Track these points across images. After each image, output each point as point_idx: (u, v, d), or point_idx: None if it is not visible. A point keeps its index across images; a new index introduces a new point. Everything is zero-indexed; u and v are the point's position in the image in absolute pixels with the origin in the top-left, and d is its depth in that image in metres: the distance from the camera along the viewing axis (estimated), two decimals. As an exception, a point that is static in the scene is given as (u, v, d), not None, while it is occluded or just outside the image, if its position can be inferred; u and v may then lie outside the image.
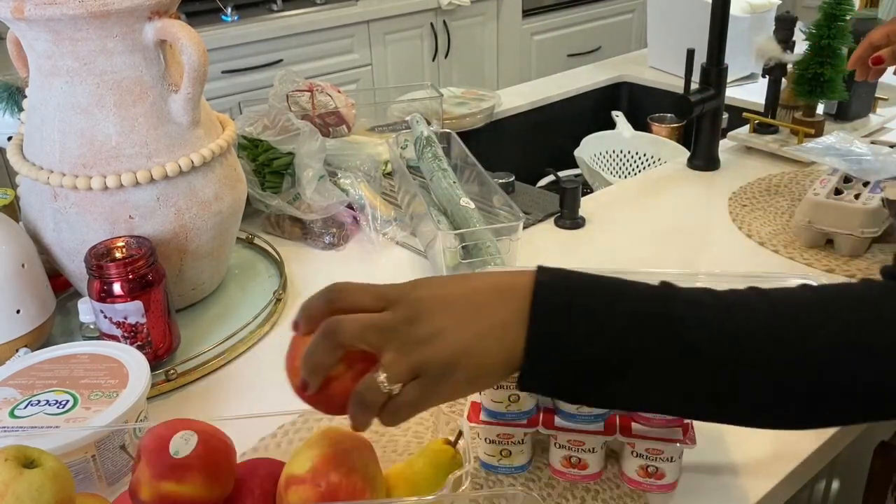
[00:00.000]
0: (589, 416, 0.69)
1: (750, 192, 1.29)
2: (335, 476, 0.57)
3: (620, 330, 0.49)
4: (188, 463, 0.57)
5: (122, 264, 0.83)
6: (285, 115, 1.20)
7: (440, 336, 0.49)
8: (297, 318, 0.53)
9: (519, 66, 3.43)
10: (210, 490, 0.58)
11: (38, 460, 0.59)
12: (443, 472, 0.61)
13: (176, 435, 0.58)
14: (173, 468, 0.56)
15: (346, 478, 0.57)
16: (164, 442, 0.57)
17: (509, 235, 1.04)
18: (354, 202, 1.18)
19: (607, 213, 1.25)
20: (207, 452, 0.58)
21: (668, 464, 0.70)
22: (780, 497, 0.74)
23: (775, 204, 1.24)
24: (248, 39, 2.69)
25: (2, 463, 0.57)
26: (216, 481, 0.58)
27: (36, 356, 0.79)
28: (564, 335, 0.49)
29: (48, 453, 0.61)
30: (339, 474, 0.57)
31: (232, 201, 0.97)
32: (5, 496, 0.56)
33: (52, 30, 0.82)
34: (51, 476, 0.58)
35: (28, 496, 0.56)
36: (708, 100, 1.32)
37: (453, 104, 1.69)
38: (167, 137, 0.89)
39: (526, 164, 1.72)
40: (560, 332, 0.49)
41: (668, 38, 1.89)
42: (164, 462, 0.57)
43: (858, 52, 1.14)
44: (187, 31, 0.84)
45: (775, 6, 1.74)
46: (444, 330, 0.49)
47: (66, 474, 0.60)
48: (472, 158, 1.23)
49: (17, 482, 0.57)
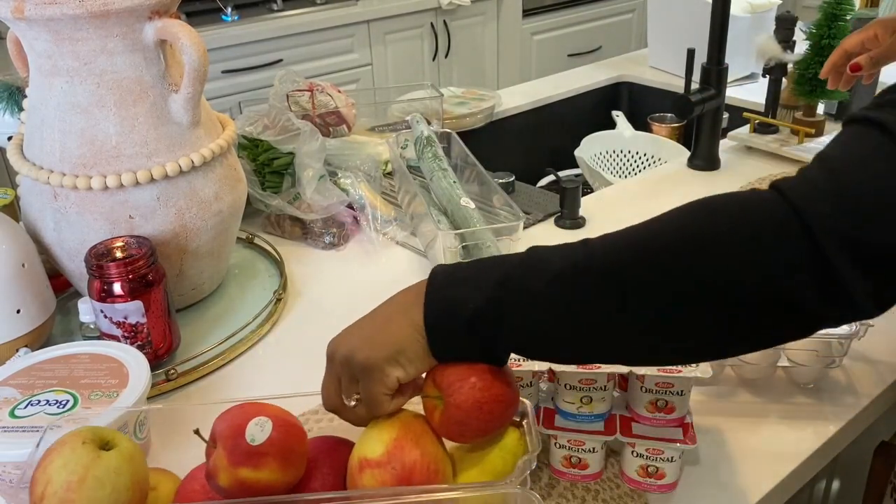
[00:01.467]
0: (589, 416, 0.69)
1: (750, 191, 1.29)
2: (409, 459, 0.58)
3: (495, 281, 0.57)
4: (264, 450, 0.58)
5: (123, 264, 0.83)
6: (285, 115, 1.20)
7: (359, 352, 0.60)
8: None
9: (519, 65, 3.43)
10: (285, 474, 0.59)
11: (112, 441, 0.60)
12: (510, 455, 0.61)
13: (251, 422, 0.59)
14: (250, 455, 0.58)
15: (421, 460, 0.59)
16: (239, 429, 0.59)
17: (509, 235, 1.04)
18: (354, 202, 1.18)
19: (607, 213, 1.25)
20: (282, 438, 0.59)
21: (669, 464, 0.69)
22: (780, 497, 0.74)
23: (775, 204, 1.24)
24: (249, 39, 2.68)
25: (80, 446, 0.58)
26: (291, 466, 0.60)
27: (36, 356, 0.79)
28: (452, 298, 0.58)
29: (121, 434, 0.62)
30: (414, 457, 0.59)
31: (232, 201, 0.97)
32: (86, 480, 0.56)
33: (52, 30, 0.82)
34: (127, 457, 0.59)
35: (107, 479, 0.57)
36: (708, 100, 1.32)
37: (453, 104, 1.69)
38: (167, 137, 0.89)
39: (526, 163, 1.72)
40: (448, 296, 0.58)
41: (669, 38, 1.89)
42: (241, 449, 0.58)
43: (832, 59, 1.13)
44: (187, 30, 0.84)
45: (775, 6, 1.74)
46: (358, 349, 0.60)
47: (140, 454, 0.61)
48: (472, 158, 1.23)
49: (96, 465, 0.57)
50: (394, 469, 0.58)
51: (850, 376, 0.86)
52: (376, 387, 0.60)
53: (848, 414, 0.80)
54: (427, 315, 0.59)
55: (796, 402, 0.83)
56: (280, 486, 0.59)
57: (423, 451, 0.59)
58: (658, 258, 0.53)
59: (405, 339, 0.59)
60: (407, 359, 0.60)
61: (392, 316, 0.61)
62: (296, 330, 0.99)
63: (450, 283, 0.59)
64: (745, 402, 0.83)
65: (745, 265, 0.51)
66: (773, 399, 0.83)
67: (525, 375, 0.70)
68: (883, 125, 0.50)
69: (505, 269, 0.58)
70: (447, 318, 0.58)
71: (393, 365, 0.59)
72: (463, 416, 0.61)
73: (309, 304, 1.04)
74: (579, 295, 0.55)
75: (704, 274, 0.52)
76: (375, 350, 0.60)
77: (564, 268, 0.56)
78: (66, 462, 0.57)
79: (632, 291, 0.53)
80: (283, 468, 0.59)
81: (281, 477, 0.59)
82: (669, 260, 0.53)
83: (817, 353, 0.81)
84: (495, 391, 0.60)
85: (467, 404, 0.60)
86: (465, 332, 0.58)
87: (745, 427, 0.79)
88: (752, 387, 0.85)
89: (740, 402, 0.83)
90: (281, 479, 0.59)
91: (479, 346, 0.58)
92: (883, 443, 0.98)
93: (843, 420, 0.80)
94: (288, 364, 0.92)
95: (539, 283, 0.56)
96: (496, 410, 0.60)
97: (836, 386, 0.85)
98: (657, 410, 0.68)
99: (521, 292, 0.56)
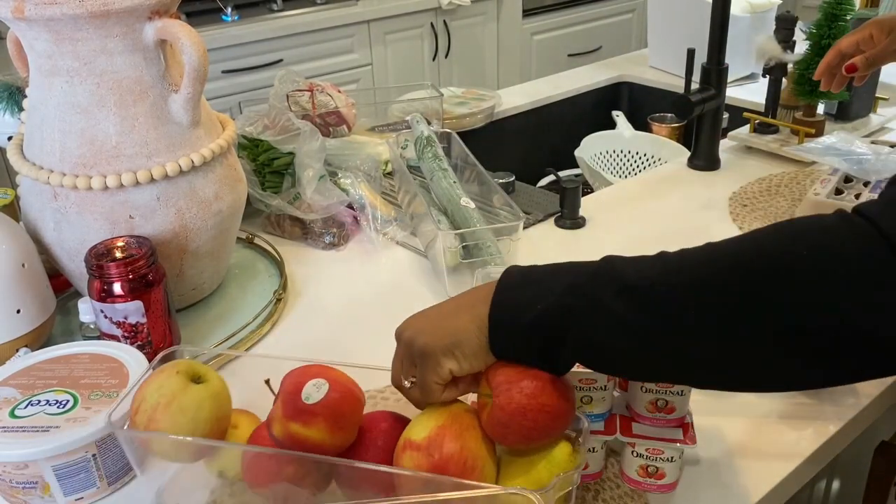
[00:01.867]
0: (589, 416, 0.69)
1: (750, 192, 1.29)
2: (448, 449, 0.60)
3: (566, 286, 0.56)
4: (315, 410, 0.62)
5: (123, 264, 0.83)
6: (285, 115, 1.20)
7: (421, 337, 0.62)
8: None
9: (519, 65, 3.43)
10: (333, 437, 0.63)
11: (204, 377, 0.67)
12: (558, 468, 0.61)
13: (310, 382, 0.63)
14: (302, 412, 0.62)
15: (459, 453, 0.60)
16: (299, 386, 0.63)
17: (510, 235, 1.04)
18: (355, 202, 1.18)
19: (608, 213, 1.25)
20: (335, 402, 0.62)
21: (669, 464, 0.69)
22: (780, 497, 0.74)
23: (776, 204, 1.24)
24: (249, 39, 2.69)
25: (174, 375, 0.66)
26: (340, 430, 0.63)
27: (36, 356, 0.80)
28: (520, 298, 0.58)
29: (215, 372, 0.69)
30: (452, 448, 0.60)
31: (232, 201, 0.97)
32: (171, 405, 0.64)
33: (52, 30, 0.82)
34: (212, 393, 0.66)
35: (190, 408, 0.65)
36: (708, 100, 1.32)
37: (453, 104, 1.69)
38: (167, 137, 0.89)
39: (526, 163, 1.72)
40: (517, 295, 0.58)
41: (669, 38, 1.89)
42: (296, 405, 0.62)
43: (826, 60, 1.12)
44: (187, 30, 0.84)
45: (775, 6, 1.74)
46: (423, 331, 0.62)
47: (225, 394, 0.68)
48: (472, 158, 1.23)
49: (183, 394, 0.65)
50: (430, 456, 0.60)
51: (850, 376, 0.86)
52: (429, 374, 0.61)
53: (848, 414, 0.80)
54: (492, 311, 0.59)
55: (796, 402, 0.83)
56: (328, 446, 0.63)
57: (464, 444, 0.60)
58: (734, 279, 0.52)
59: (466, 332, 0.60)
60: (463, 353, 0.60)
61: (460, 308, 0.62)
62: (296, 330, 0.99)
63: (521, 283, 0.59)
64: (745, 402, 0.83)
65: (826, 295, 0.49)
66: (773, 399, 0.83)
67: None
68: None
69: (577, 276, 0.57)
70: (512, 316, 0.58)
71: (448, 356, 0.60)
72: (506, 418, 0.60)
73: (309, 304, 1.04)
74: (649, 309, 0.54)
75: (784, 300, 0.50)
76: (435, 339, 0.61)
77: (638, 280, 0.55)
78: (160, 386, 0.65)
79: (704, 310, 0.52)
80: (331, 430, 0.62)
81: (329, 438, 0.62)
82: (748, 282, 0.51)
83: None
84: (543, 400, 0.59)
85: (510, 407, 0.60)
86: (528, 332, 0.57)
87: (745, 427, 0.79)
88: (752, 387, 0.85)
89: (740, 402, 0.83)
90: (329, 440, 0.62)
91: (539, 348, 0.58)
92: (883, 443, 0.98)
93: (843, 420, 0.80)
94: (288, 364, 0.92)
95: (609, 293, 0.55)
96: (540, 420, 0.60)
97: (835, 385, 0.85)
98: (657, 410, 0.68)
99: (590, 300, 0.55)
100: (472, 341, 0.60)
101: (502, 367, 0.61)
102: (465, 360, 0.60)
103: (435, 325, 0.62)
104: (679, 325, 0.53)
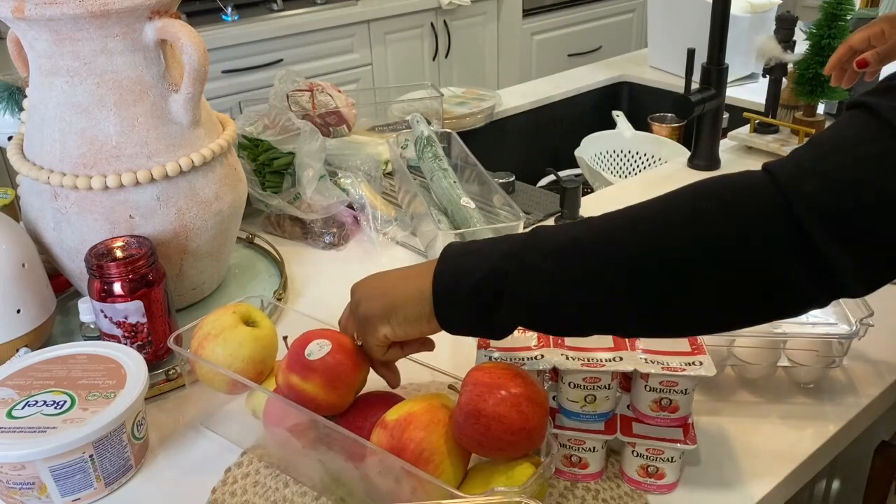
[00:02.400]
0: (593, 416, 0.69)
1: (750, 191, 1.29)
2: (409, 435, 0.62)
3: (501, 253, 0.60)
4: (313, 366, 0.67)
5: (123, 264, 0.83)
6: (286, 115, 1.20)
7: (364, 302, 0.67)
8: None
9: (519, 65, 3.43)
10: (326, 394, 0.67)
11: (256, 322, 0.77)
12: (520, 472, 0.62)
13: (315, 341, 0.69)
14: (301, 366, 0.68)
15: (418, 442, 0.62)
16: (305, 343, 0.69)
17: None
18: (355, 202, 1.18)
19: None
20: (332, 363, 0.67)
21: (669, 464, 0.69)
22: (780, 497, 0.74)
23: (776, 204, 1.24)
24: (249, 39, 2.68)
25: (229, 314, 0.76)
26: (333, 389, 0.68)
27: (34, 356, 0.79)
28: (460, 266, 0.61)
29: (269, 321, 0.78)
30: (413, 436, 0.62)
31: (232, 201, 0.97)
32: (218, 337, 0.74)
33: (52, 29, 0.82)
34: (256, 337, 0.75)
35: (232, 344, 0.74)
36: (708, 99, 1.32)
37: (454, 104, 1.69)
38: (167, 137, 0.89)
39: (526, 163, 1.72)
40: (457, 264, 0.62)
41: (669, 38, 1.89)
42: (298, 360, 0.68)
43: (837, 55, 1.10)
44: (187, 30, 0.84)
45: (776, 6, 1.74)
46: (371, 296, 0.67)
47: (269, 341, 0.77)
48: (472, 158, 1.23)
49: (230, 331, 0.74)
50: (392, 437, 0.63)
51: (850, 376, 0.86)
52: (368, 337, 0.67)
53: (848, 414, 0.80)
54: (435, 281, 0.62)
55: (796, 402, 0.83)
56: (322, 403, 0.68)
57: (426, 436, 0.62)
58: (649, 234, 0.56)
59: (405, 301, 0.64)
60: (398, 320, 0.64)
61: (404, 278, 0.66)
62: (296, 330, 0.99)
63: (461, 253, 0.63)
64: (745, 402, 0.83)
65: (730, 240, 0.53)
66: (773, 399, 0.83)
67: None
68: (872, 108, 0.52)
69: (511, 244, 0.61)
70: (453, 284, 0.61)
71: (384, 322, 0.65)
72: (462, 418, 0.61)
73: (309, 304, 1.03)
74: (576, 267, 0.57)
75: (692, 249, 0.54)
76: (374, 305, 0.65)
77: (564, 242, 0.58)
78: (215, 319, 0.76)
79: (624, 264, 0.56)
80: (325, 388, 0.67)
81: (323, 395, 0.67)
82: (660, 235, 0.56)
83: (817, 352, 0.81)
84: (501, 410, 0.60)
85: (467, 408, 0.61)
86: (466, 299, 0.60)
87: (745, 427, 0.79)
88: (752, 387, 0.85)
89: (740, 402, 0.83)
90: (323, 396, 0.67)
91: (480, 313, 0.60)
92: (883, 443, 0.98)
93: (843, 420, 0.80)
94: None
95: (538, 255, 0.58)
96: (493, 429, 0.60)
97: (836, 386, 0.85)
98: (661, 409, 0.68)
99: (521, 263, 0.59)
100: (410, 309, 0.63)
101: (480, 369, 0.63)
102: (399, 326, 0.64)
103: (378, 293, 0.66)
104: (599, 279, 0.57)
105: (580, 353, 0.68)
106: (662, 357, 0.68)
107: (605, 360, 0.67)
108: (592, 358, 0.68)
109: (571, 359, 0.68)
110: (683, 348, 0.69)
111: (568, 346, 0.70)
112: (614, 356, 0.68)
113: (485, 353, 0.70)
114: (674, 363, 0.67)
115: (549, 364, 0.68)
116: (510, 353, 0.70)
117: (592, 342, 0.70)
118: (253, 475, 0.75)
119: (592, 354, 0.68)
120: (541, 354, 0.69)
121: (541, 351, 0.69)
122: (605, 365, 0.67)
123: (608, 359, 0.68)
